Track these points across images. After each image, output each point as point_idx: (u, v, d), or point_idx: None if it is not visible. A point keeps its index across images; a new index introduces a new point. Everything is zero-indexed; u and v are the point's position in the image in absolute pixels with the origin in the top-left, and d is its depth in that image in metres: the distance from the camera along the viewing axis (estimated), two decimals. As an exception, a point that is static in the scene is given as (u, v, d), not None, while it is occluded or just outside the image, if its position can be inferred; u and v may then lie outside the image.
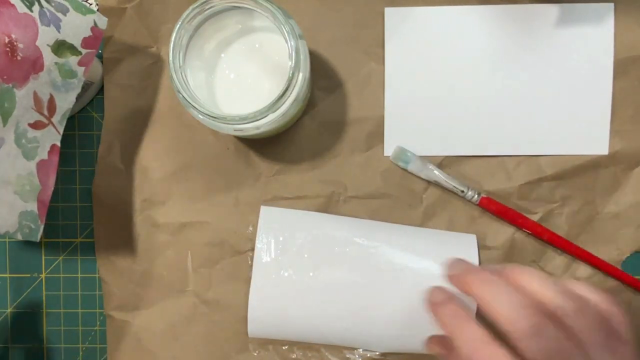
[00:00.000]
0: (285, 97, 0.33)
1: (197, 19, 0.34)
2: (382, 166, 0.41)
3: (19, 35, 0.26)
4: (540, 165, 0.41)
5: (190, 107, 0.33)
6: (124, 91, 0.42)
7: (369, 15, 0.41)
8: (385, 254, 0.39)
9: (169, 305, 0.42)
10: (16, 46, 0.26)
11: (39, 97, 0.28)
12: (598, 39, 0.40)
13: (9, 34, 0.26)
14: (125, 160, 0.42)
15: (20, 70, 0.26)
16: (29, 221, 0.31)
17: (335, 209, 0.41)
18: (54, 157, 0.30)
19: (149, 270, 0.42)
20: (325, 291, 0.38)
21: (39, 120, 0.27)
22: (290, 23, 0.33)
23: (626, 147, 0.41)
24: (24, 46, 0.27)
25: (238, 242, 0.42)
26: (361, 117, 0.41)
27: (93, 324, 0.43)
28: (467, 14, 0.40)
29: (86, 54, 0.31)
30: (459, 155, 0.41)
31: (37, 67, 0.27)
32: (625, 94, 0.40)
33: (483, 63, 0.40)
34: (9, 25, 0.26)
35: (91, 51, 0.32)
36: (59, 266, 0.43)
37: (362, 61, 0.41)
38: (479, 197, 0.40)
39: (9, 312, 0.43)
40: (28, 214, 0.31)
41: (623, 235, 0.41)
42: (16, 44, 0.26)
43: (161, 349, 0.42)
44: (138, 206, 0.42)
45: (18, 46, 0.26)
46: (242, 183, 0.42)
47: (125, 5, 0.41)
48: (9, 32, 0.26)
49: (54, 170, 0.30)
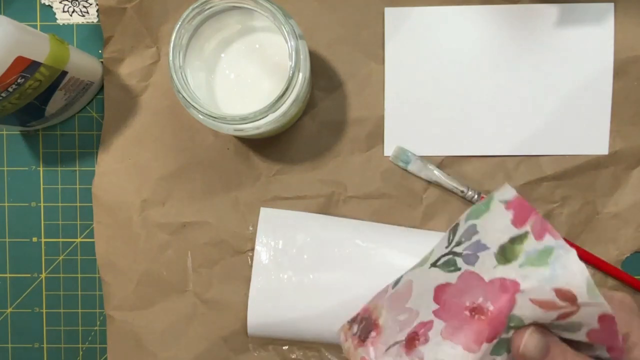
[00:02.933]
0: (285, 97, 0.33)
1: (197, 19, 0.34)
2: (382, 166, 0.41)
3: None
4: (540, 165, 0.41)
5: (190, 107, 0.33)
6: (124, 91, 0.42)
7: (369, 15, 0.41)
8: (385, 256, 0.39)
9: (169, 305, 0.42)
10: (479, 306, 0.25)
11: (541, 300, 0.24)
12: (598, 39, 0.40)
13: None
14: (125, 161, 0.42)
15: (501, 309, 0.25)
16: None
17: (335, 209, 0.41)
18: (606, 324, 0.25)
19: (149, 270, 0.42)
20: (325, 292, 0.38)
21: (566, 312, 0.25)
22: (290, 23, 0.33)
23: (626, 147, 0.41)
24: (483, 298, 0.25)
25: (238, 242, 0.42)
26: (361, 117, 0.41)
27: (93, 324, 0.43)
28: (467, 14, 0.40)
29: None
30: (459, 155, 0.41)
31: (510, 286, 0.25)
32: (625, 94, 0.40)
33: (483, 63, 0.40)
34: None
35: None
36: (59, 266, 0.43)
37: (362, 61, 0.41)
38: (479, 197, 0.40)
39: (9, 312, 0.43)
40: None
41: (623, 235, 0.41)
42: (477, 304, 0.25)
43: (161, 349, 0.42)
44: (138, 206, 0.42)
45: (481, 304, 0.25)
46: (242, 183, 0.42)
47: (125, 5, 0.41)
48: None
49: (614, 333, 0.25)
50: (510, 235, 0.25)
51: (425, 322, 0.26)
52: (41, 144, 0.43)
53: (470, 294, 0.25)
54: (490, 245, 0.25)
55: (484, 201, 0.26)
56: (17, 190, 0.43)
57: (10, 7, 0.42)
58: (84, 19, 0.42)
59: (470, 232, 0.26)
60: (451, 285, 0.26)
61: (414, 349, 0.26)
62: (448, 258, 0.27)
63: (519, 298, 0.24)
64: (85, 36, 0.42)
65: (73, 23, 0.42)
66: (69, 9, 0.42)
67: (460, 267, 0.26)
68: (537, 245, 0.24)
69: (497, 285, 0.24)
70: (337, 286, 0.38)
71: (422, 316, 0.26)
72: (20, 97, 0.35)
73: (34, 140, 0.43)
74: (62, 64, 0.36)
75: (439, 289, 0.26)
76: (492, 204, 0.26)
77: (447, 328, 0.25)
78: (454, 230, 0.27)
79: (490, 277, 0.25)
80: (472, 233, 0.26)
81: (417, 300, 0.27)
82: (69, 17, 0.42)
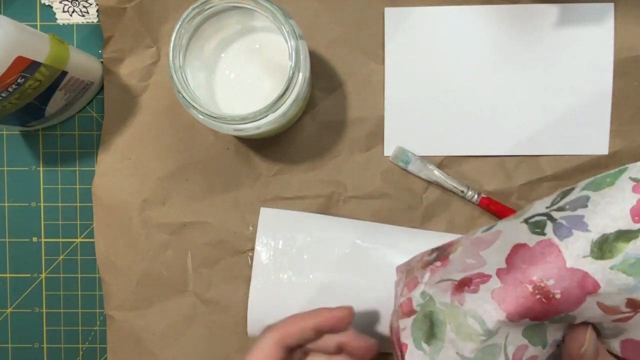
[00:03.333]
0: (285, 97, 0.33)
1: (197, 19, 0.34)
2: (382, 166, 0.41)
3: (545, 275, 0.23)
4: (540, 165, 0.41)
5: (190, 107, 0.33)
6: (124, 91, 0.42)
7: (369, 15, 0.41)
8: (385, 256, 0.39)
9: (169, 305, 0.42)
10: (547, 288, 0.23)
11: (607, 306, 0.23)
12: (598, 39, 0.40)
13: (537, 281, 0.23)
14: (125, 161, 0.42)
15: (567, 302, 0.23)
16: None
17: (335, 209, 0.41)
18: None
19: (149, 270, 0.42)
20: (325, 292, 0.38)
21: (623, 317, 0.23)
22: (290, 23, 0.33)
23: (626, 147, 0.41)
24: (555, 282, 0.22)
25: (238, 242, 0.42)
26: (361, 117, 0.41)
27: (93, 324, 0.43)
28: (467, 14, 0.40)
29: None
30: (459, 155, 0.41)
31: (590, 287, 0.22)
32: (625, 94, 0.40)
33: (483, 63, 0.40)
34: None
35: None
36: (59, 266, 0.43)
37: (362, 61, 0.41)
38: (479, 197, 0.40)
39: (9, 312, 0.43)
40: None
41: (623, 235, 0.41)
42: (545, 285, 0.23)
43: (161, 349, 0.42)
44: (138, 206, 0.42)
45: (549, 287, 0.23)
46: (242, 183, 0.42)
47: (125, 5, 0.41)
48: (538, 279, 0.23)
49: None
50: (620, 227, 0.22)
51: (485, 274, 0.24)
52: (41, 144, 0.43)
53: (542, 268, 0.23)
54: (592, 229, 0.22)
55: (613, 172, 0.23)
56: (17, 190, 0.43)
57: (10, 7, 0.42)
58: (84, 19, 0.42)
59: (578, 203, 0.23)
60: (527, 247, 0.23)
61: (460, 293, 0.24)
62: (541, 219, 0.24)
63: (590, 299, 0.22)
64: (85, 36, 0.42)
65: (73, 23, 0.42)
66: (69, 9, 0.42)
67: (546, 232, 0.23)
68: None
69: (577, 278, 0.22)
70: (337, 286, 0.38)
71: (486, 268, 0.24)
72: (20, 97, 0.35)
73: (34, 140, 0.43)
74: (62, 64, 0.36)
75: (516, 248, 0.24)
76: (619, 179, 0.22)
77: (500, 290, 0.23)
78: (565, 193, 0.24)
79: (573, 264, 0.22)
80: (581, 205, 0.23)
81: (493, 251, 0.25)
82: (69, 17, 0.42)
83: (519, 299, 0.23)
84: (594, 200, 0.23)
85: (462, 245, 0.27)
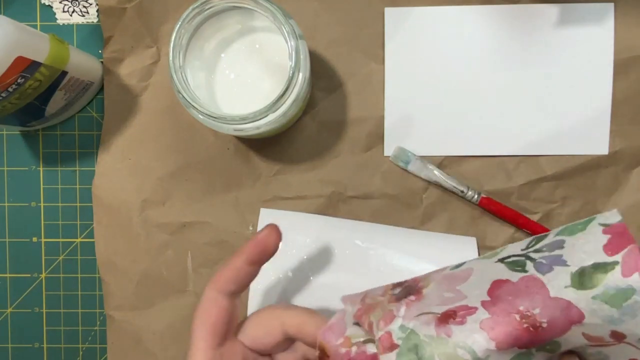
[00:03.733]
0: (285, 97, 0.33)
1: (197, 19, 0.34)
2: (382, 166, 0.41)
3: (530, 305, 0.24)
4: (540, 165, 0.41)
5: (190, 107, 0.33)
6: (124, 91, 0.42)
7: (369, 15, 0.41)
8: (385, 256, 0.39)
9: (169, 305, 0.42)
10: (533, 317, 0.24)
11: (592, 336, 0.23)
12: (598, 39, 0.40)
13: (523, 311, 0.24)
14: (125, 161, 0.42)
15: (553, 331, 0.24)
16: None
17: (335, 209, 0.41)
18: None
19: (149, 270, 0.42)
20: (324, 293, 0.38)
21: (602, 344, 0.24)
22: (290, 23, 0.33)
23: (626, 147, 0.41)
24: (540, 310, 0.24)
25: (238, 242, 0.42)
26: (361, 117, 0.41)
27: (93, 324, 0.43)
28: (468, 14, 0.40)
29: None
30: (459, 155, 0.41)
31: (575, 317, 0.23)
32: (625, 94, 0.40)
33: (483, 63, 0.40)
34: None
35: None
36: (59, 266, 0.43)
37: (362, 61, 0.41)
38: (479, 197, 0.40)
39: (9, 312, 0.43)
40: None
41: (623, 235, 0.41)
42: (532, 314, 0.24)
43: (161, 349, 0.42)
44: (138, 206, 0.42)
45: (536, 316, 0.24)
46: (242, 183, 0.42)
47: (125, 5, 0.41)
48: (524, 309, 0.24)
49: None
50: (596, 260, 0.23)
51: (470, 307, 0.25)
52: (41, 144, 0.43)
53: (527, 299, 0.24)
54: (571, 263, 0.24)
55: (583, 220, 0.25)
56: (17, 190, 0.43)
57: (10, 7, 0.42)
58: (84, 19, 0.42)
59: (555, 246, 0.25)
60: (510, 282, 0.25)
61: (445, 325, 0.25)
62: (519, 259, 0.26)
63: (575, 329, 0.23)
64: (85, 36, 0.42)
65: (73, 23, 0.42)
66: (69, 9, 0.42)
67: (527, 270, 0.25)
68: (620, 281, 0.22)
69: (561, 306, 0.23)
70: (337, 287, 0.38)
71: (469, 301, 0.25)
72: (20, 97, 0.35)
73: (34, 140, 0.43)
74: (62, 64, 0.36)
75: (497, 284, 0.25)
76: (590, 226, 0.24)
77: (488, 321, 0.24)
78: (539, 239, 0.26)
79: (557, 294, 0.23)
80: (557, 247, 0.25)
81: (470, 286, 0.26)
82: (69, 17, 0.42)
83: (508, 328, 0.24)
84: (569, 242, 0.24)
85: (433, 280, 0.28)
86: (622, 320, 0.22)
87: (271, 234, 0.30)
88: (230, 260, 0.30)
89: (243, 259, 0.29)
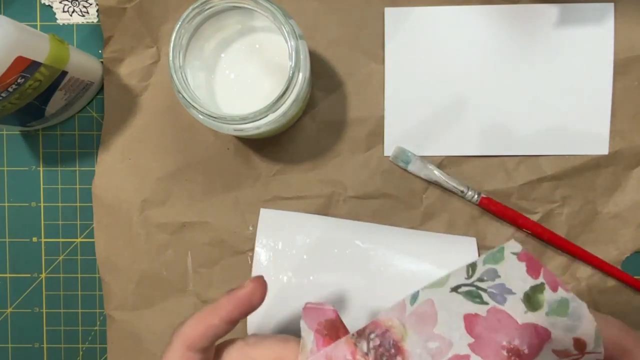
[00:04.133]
0: (285, 97, 0.33)
1: (197, 19, 0.34)
2: (382, 166, 0.41)
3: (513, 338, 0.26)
4: (540, 165, 0.41)
5: (190, 107, 0.33)
6: (124, 91, 0.42)
7: (369, 15, 0.41)
8: (385, 257, 0.39)
9: (169, 305, 0.42)
10: (516, 348, 0.25)
11: (559, 351, 0.26)
12: (598, 39, 0.40)
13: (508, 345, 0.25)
14: (125, 161, 0.42)
15: (532, 354, 0.26)
16: None
17: (335, 209, 0.41)
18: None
19: (149, 270, 0.42)
20: (324, 293, 0.38)
21: (570, 357, 0.26)
22: (290, 23, 0.33)
23: (626, 147, 0.41)
24: (519, 340, 0.25)
25: (238, 242, 0.42)
26: (361, 117, 0.41)
27: (93, 324, 0.43)
28: (468, 14, 0.40)
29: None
30: (459, 155, 0.41)
31: (544, 335, 0.26)
32: (625, 94, 0.40)
33: (483, 63, 0.40)
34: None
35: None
36: (59, 266, 0.43)
37: (362, 61, 0.41)
38: (479, 197, 0.40)
39: (9, 312, 0.43)
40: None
41: (623, 235, 0.41)
42: (514, 346, 0.25)
43: (161, 349, 0.42)
44: (138, 206, 0.42)
45: (517, 346, 0.25)
46: (242, 183, 0.42)
47: (125, 5, 0.41)
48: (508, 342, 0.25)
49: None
50: (530, 284, 0.26)
51: (462, 355, 0.26)
52: (41, 144, 0.43)
53: (504, 333, 0.25)
54: (516, 290, 0.26)
55: (497, 249, 0.27)
56: (17, 190, 0.43)
57: (10, 7, 0.42)
58: (84, 19, 0.42)
59: (491, 275, 0.27)
60: (482, 317, 0.26)
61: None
62: (471, 289, 0.27)
63: (546, 347, 0.25)
64: (85, 36, 0.42)
65: (73, 23, 0.42)
66: (69, 9, 0.42)
67: (487, 302, 0.26)
68: (554, 295, 0.25)
69: (531, 330, 0.25)
70: (337, 287, 0.38)
71: (457, 348, 0.26)
72: (20, 97, 0.35)
73: (34, 140, 0.43)
74: (62, 64, 0.36)
75: (470, 319, 0.26)
76: (504, 255, 0.26)
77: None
78: (473, 267, 0.27)
79: (523, 320, 0.25)
80: (495, 276, 0.27)
81: (445, 326, 0.27)
82: (69, 17, 0.42)
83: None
84: (501, 271, 0.26)
85: (404, 326, 0.27)
86: (575, 325, 0.25)
87: (257, 289, 0.27)
88: (203, 313, 0.27)
89: (220, 316, 0.26)
